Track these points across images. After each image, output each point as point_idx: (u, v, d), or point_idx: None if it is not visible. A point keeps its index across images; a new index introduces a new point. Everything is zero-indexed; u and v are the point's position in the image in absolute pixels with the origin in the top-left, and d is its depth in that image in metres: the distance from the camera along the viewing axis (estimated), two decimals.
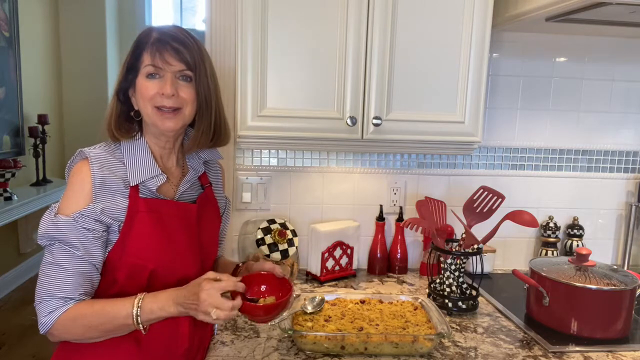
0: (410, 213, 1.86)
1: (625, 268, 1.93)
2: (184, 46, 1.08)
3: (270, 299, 1.11)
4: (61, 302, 1.03)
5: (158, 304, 1.03)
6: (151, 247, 1.09)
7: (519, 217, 1.42)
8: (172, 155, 1.20)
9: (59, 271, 1.03)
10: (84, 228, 1.04)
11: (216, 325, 1.36)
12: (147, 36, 1.09)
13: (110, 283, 1.09)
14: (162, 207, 1.13)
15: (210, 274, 1.04)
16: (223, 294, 1.00)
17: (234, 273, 1.25)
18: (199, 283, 1.01)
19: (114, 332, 1.05)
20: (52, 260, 1.04)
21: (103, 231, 1.06)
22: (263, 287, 1.14)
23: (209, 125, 1.16)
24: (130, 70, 1.11)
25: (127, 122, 1.15)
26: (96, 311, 1.03)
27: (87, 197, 1.05)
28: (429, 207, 1.60)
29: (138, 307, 1.03)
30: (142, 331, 1.04)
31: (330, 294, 1.43)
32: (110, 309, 1.04)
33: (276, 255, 1.64)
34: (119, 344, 1.08)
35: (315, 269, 1.72)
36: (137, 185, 1.10)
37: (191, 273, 1.16)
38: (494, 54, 1.83)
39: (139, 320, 1.02)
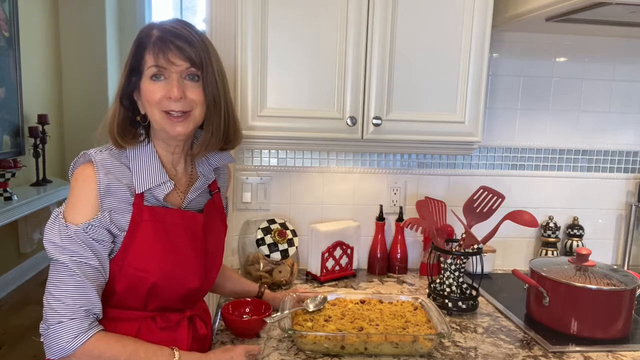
0: (410, 213, 1.86)
1: (625, 268, 1.93)
2: (188, 43, 1.01)
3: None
4: (86, 323, 0.97)
5: None
6: (153, 259, 1.05)
7: (519, 217, 1.42)
8: (181, 160, 1.15)
9: (79, 285, 0.97)
10: (95, 239, 0.99)
11: (216, 325, 1.36)
12: (148, 35, 1.02)
13: (107, 293, 1.05)
14: (167, 217, 1.08)
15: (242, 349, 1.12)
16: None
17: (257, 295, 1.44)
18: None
19: None
20: (70, 273, 0.97)
21: (111, 242, 1.02)
22: (248, 309, 1.37)
23: (218, 127, 1.10)
24: (133, 72, 1.05)
25: (131, 127, 1.08)
26: (128, 352, 0.98)
27: (95, 206, 1.00)
28: (429, 207, 1.60)
29: None
30: None
31: (330, 294, 1.43)
32: (143, 354, 1.00)
33: (276, 255, 1.64)
34: None
35: (315, 269, 1.72)
36: (142, 192, 1.05)
37: (194, 285, 1.12)
38: (494, 54, 1.83)
39: None
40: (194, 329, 1.18)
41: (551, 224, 1.90)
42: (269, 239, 1.66)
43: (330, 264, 1.74)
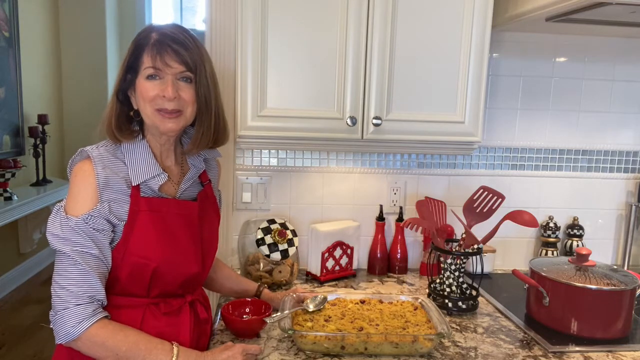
0: (410, 213, 1.86)
1: (625, 268, 1.93)
2: (184, 47, 1.08)
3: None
4: (90, 309, 1.02)
5: None
6: (153, 245, 1.10)
7: (519, 217, 1.43)
8: (171, 154, 1.20)
9: (82, 273, 1.03)
10: (95, 229, 1.04)
11: (216, 325, 1.36)
12: (147, 37, 1.09)
13: (112, 281, 1.10)
14: (164, 206, 1.14)
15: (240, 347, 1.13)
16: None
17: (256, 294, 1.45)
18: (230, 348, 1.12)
19: None
20: (74, 262, 1.03)
21: (112, 231, 1.07)
22: (248, 309, 1.37)
23: (209, 127, 1.17)
24: (130, 71, 1.10)
25: (127, 122, 1.15)
26: (130, 341, 1.03)
27: (94, 198, 1.06)
28: (429, 207, 1.60)
29: None
30: None
31: (330, 294, 1.43)
32: (144, 346, 1.04)
33: (276, 255, 1.64)
34: None
35: (315, 269, 1.72)
36: (138, 184, 1.11)
37: (193, 270, 1.18)
38: (494, 54, 1.83)
39: None
40: (195, 314, 1.23)
41: (551, 224, 1.90)
42: (269, 239, 1.66)
43: (330, 264, 1.74)
